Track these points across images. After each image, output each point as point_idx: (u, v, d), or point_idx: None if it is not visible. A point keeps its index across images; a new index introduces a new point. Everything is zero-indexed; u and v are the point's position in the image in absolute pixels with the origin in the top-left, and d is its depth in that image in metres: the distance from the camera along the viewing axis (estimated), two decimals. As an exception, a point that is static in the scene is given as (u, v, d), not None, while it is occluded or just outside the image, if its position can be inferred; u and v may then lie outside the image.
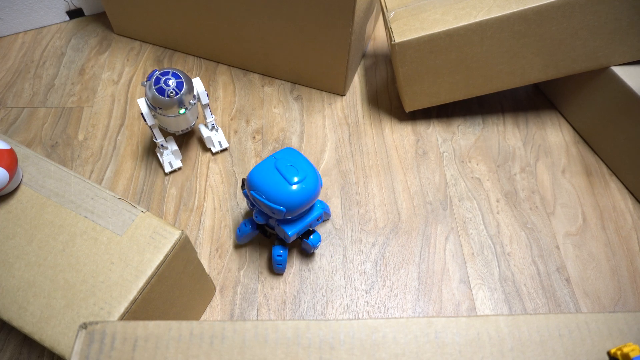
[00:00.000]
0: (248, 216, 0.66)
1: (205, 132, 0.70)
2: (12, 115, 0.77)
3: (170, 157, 0.69)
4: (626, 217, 0.67)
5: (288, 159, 0.52)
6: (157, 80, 0.58)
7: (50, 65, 0.84)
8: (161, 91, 0.58)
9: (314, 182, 0.52)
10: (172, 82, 0.58)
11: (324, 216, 0.64)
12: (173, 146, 0.69)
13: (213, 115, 0.70)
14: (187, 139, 0.74)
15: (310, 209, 0.56)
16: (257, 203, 0.52)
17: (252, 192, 0.52)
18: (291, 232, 0.54)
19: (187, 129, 0.67)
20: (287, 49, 0.75)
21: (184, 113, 0.61)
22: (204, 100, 0.65)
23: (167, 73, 0.59)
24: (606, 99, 0.68)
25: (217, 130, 0.71)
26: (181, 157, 0.71)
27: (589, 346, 0.29)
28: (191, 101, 0.61)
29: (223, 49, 0.81)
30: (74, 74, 0.83)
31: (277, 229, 0.56)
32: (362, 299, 0.59)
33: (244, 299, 0.59)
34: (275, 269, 0.60)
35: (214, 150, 0.71)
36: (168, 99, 0.58)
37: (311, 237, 0.58)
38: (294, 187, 0.50)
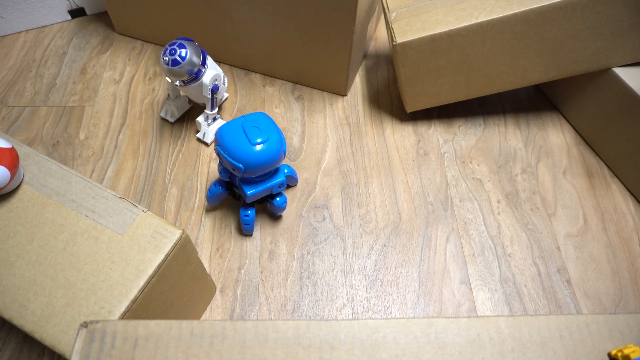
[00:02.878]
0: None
1: (200, 117, 0.72)
2: (13, 114, 0.77)
3: (170, 107, 0.74)
4: (627, 219, 0.66)
5: (256, 122, 0.54)
6: (172, 44, 0.62)
7: (51, 64, 0.84)
8: (165, 50, 0.62)
9: (276, 146, 0.53)
10: (176, 53, 0.62)
11: (291, 182, 0.67)
12: (178, 102, 0.74)
13: (214, 110, 0.70)
14: (188, 138, 0.74)
15: (273, 173, 0.58)
16: (220, 158, 0.55)
17: (217, 147, 0.54)
18: (250, 192, 0.56)
19: (190, 103, 0.74)
20: (289, 49, 0.75)
21: (170, 81, 0.67)
22: (205, 92, 0.67)
23: (182, 46, 0.62)
24: (607, 100, 0.68)
25: (208, 125, 0.72)
26: (177, 117, 0.75)
27: (590, 347, 0.29)
28: (177, 82, 0.64)
29: (224, 49, 0.81)
30: (75, 73, 0.83)
31: (240, 188, 0.58)
32: (362, 300, 0.59)
33: (244, 299, 0.59)
34: (244, 229, 0.62)
35: (198, 135, 0.73)
36: (163, 63, 0.62)
37: (277, 198, 0.61)
38: (255, 147, 0.52)
